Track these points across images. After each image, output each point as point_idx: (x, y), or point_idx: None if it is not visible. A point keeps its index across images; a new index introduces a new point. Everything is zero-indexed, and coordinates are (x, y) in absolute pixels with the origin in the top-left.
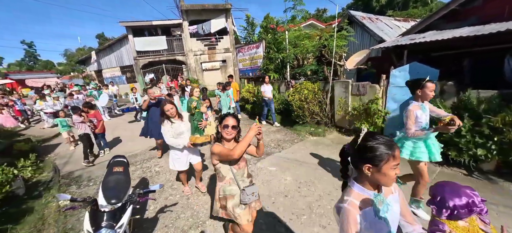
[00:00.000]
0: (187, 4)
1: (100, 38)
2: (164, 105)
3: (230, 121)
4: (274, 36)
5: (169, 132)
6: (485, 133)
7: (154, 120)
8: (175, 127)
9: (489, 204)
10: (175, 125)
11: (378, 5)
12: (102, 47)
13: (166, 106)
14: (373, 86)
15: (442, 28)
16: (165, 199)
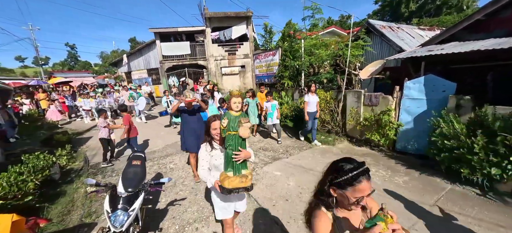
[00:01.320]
0: (210, 12)
1: (132, 42)
2: (212, 121)
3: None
4: (290, 44)
5: (205, 159)
6: (500, 151)
7: (187, 129)
8: (215, 156)
9: (504, 230)
10: (216, 152)
11: (407, 11)
12: (133, 51)
13: (214, 123)
14: (385, 97)
15: (465, 39)
16: (175, 194)
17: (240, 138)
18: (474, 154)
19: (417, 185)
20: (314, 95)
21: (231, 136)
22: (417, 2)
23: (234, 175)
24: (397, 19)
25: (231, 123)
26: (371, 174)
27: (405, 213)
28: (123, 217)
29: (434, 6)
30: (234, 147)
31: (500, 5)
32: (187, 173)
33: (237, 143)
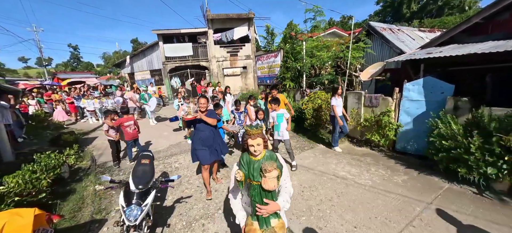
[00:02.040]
0: (212, 14)
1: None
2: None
3: None
4: (292, 46)
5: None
6: (495, 151)
7: (198, 138)
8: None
9: (498, 226)
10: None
11: (409, 12)
12: (136, 52)
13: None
14: (385, 98)
15: (464, 42)
16: (181, 192)
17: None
18: (471, 154)
19: (416, 184)
20: (340, 98)
21: (253, 186)
22: (418, 2)
23: (260, 228)
24: (398, 20)
25: (250, 171)
26: (371, 173)
27: (403, 210)
28: (136, 212)
29: (436, 6)
30: (257, 199)
31: (498, 9)
32: (192, 172)
33: (262, 194)
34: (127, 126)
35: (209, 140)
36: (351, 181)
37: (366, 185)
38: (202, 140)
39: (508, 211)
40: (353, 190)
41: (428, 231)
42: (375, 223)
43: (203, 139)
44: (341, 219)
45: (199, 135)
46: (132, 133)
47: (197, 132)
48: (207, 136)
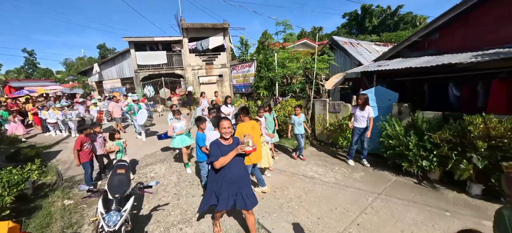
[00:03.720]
0: (187, 23)
1: (101, 48)
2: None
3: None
4: (265, 57)
5: None
6: (427, 147)
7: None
8: None
9: (429, 208)
10: None
11: (371, 26)
12: (105, 60)
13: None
14: (346, 105)
15: (407, 56)
16: (158, 200)
17: None
18: (410, 150)
19: (370, 179)
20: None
21: None
22: (378, 17)
23: None
24: (362, 32)
25: None
26: (335, 172)
27: (358, 201)
28: (116, 217)
29: (393, 21)
30: None
31: (430, 29)
32: (169, 180)
33: None
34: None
35: (238, 182)
36: (317, 180)
37: (330, 182)
38: (229, 181)
39: (438, 195)
40: (319, 188)
41: (377, 216)
42: (335, 213)
43: (231, 180)
44: (307, 213)
45: (223, 173)
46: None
47: (223, 169)
48: (237, 176)
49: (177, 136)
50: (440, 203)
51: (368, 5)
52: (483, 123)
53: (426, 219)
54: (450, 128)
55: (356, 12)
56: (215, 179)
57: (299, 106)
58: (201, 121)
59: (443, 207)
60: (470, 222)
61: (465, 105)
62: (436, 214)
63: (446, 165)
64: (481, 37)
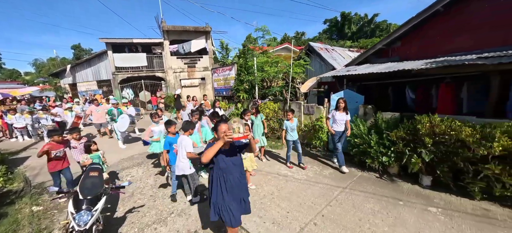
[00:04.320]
0: (169, 25)
1: (76, 49)
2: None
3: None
4: (245, 61)
5: None
6: (386, 144)
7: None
8: None
9: (386, 198)
10: None
11: (350, 32)
12: (79, 61)
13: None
14: (318, 107)
15: (374, 62)
16: (133, 202)
17: None
18: (371, 147)
19: (339, 175)
20: (343, 113)
21: None
22: (357, 25)
23: None
24: (342, 38)
25: None
26: (307, 170)
27: (326, 195)
28: (87, 217)
29: (369, 29)
30: None
31: (392, 38)
32: (145, 183)
33: None
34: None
35: (238, 187)
36: (290, 178)
37: (302, 179)
38: (229, 187)
39: (395, 187)
40: (291, 184)
41: (340, 207)
42: (303, 207)
43: (231, 186)
44: (278, 208)
45: (223, 179)
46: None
47: (220, 174)
48: (236, 181)
49: (155, 141)
50: (396, 194)
51: (347, 12)
52: (429, 122)
53: (382, 208)
54: (404, 127)
55: (336, 19)
56: (215, 188)
57: (291, 111)
58: (170, 124)
59: (397, 197)
60: (418, 209)
61: (420, 106)
62: (391, 203)
63: (402, 159)
64: (433, 46)
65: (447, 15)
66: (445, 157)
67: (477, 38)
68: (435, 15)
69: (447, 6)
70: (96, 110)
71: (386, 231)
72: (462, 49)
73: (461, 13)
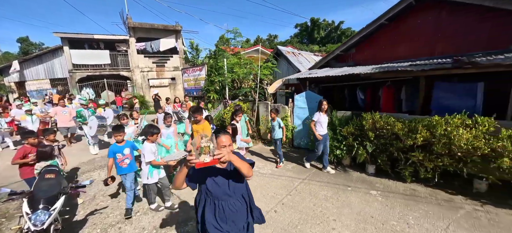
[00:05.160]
0: (135, 22)
1: (23, 42)
2: None
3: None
4: (215, 61)
5: None
6: (339, 139)
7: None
8: None
9: (337, 185)
10: None
11: (319, 37)
12: (28, 57)
13: None
14: (284, 107)
15: (333, 66)
16: (95, 205)
17: None
18: None
19: (300, 168)
20: (325, 115)
21: None
22: (325, 30)
23: None
24: (312, 42)
25: None
26: (272, 165)
27: (287, 186)
28: (43, 217)
29: (336, 35)
30: None
31: (348, 46)
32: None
33: None
34: None
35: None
36: (256, 173)
37: (267, 173)
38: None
39: (346, 176)
40: (257, 179)
41: (299, 196)
42: (266, 197)
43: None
44: None
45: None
46: None
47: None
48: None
49: None
50: (346, 182)
51: (316, 18)
52: (371, 119)
53: (334, 194)
54: (353, 124)
55: (306, 24)
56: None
57: (275, 111)
58: (118, 130)
59: (347, 184)
60: (362, 192)
61: (369, 106)
62: (342, 190)
63: (352, 152)
64: (381, 54)
65: (390, 27)
66: (384, 148)
67: (412, 49)
68: (381, 27)
69: (390, 20)
70: (62, 112)
71: (334, 212)
72: (402, 57)
73: (400, 27)
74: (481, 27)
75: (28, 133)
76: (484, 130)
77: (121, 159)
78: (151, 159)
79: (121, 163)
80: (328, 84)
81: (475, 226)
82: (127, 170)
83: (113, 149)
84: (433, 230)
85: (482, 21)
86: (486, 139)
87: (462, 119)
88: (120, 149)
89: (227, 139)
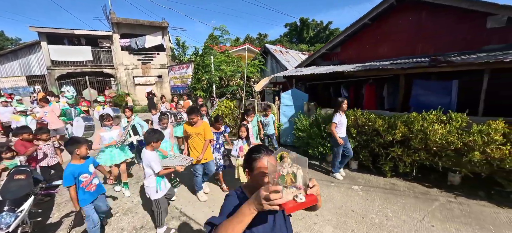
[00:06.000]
0: (119, 17)
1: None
2: None
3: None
4: (202, 59)
5: None
6: (324, 136)
7: None
8: None
9: (322, 181)
10: None
11: (308, 36)
12: (2, 52)
13: None
14: (270, 104)
15: (319, 64)
16: (72, 207)
17: None
18: (313, 139)
19: None
20: (344, 115)
21: None
22: (314, 30)
23: None
24: (301, 41)
25: None
26: None
27: None
28: (9, 219)
29: (325, 35)
30: None
31: (333, 44)
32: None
33: None
34: None
35: None
36: None
37: None
38: None
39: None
40: None
41: None
42: None
43: None
44: None
45: None
46: None
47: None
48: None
49: (106, 149)
50: (330, 178)
51: (305, 18)
52: (354, 115)
53: (324, 189)
54: None
55: (295, 23)
56: None
57: (268, 107)
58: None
59: (330, 180)
60: (345, 187)
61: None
62: (325, 185)
63: None
64: (364, 53)
65: (373, 27)
66: (366, 144)
67: (395, 48)
68: (364, 27)
69: (373, 19)
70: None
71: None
72: (385, 56)
73: (383, 27)
74: (458, 29)
75: (23, 128)
76: (457, 125)
77: (88, 181)
78: (160, 169)
79: (88, 187)
80: (314, 82)
81: (448, 217)
82: (97, 193)
83: (71, 171)
84: (410, 221)
85: (459, 23)
86: (459, 134)
87: (438, 115)
88: (82, 168)
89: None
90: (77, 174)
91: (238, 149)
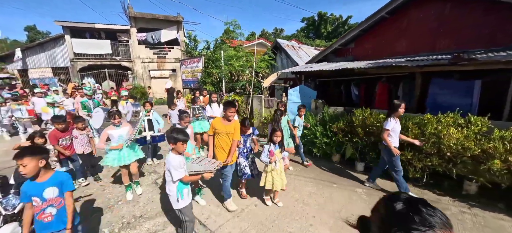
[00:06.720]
0: (136, 12)
1: (31, 31)
2: None
3: None
4: (213, 54)
5: None
6: (329, 135)
7: None
8: None
9: (324, 181)
10: None
11: (326, 31)
12: (31, 45)
13: None
14: (277, 100)
15: (332, 60)
16: (81, 192)
17: None
18: (317, 138)
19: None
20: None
21: None
22: (332, 25)
23: None
24: (318, 37)
25: None
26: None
27: None
28: (15, 201)
29: (343, 30)
30: None
31: (346, 40)
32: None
33: None
34: None
35: None
36: None
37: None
38: None
39: (335, 173)
40: None
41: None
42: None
43: None
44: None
45: None
46: None
47: None
48: None
49: (113, 150)
50: (332, 178)
51: (324, 12)
52: (361, 115)
53: (318, 190)
54: (343, 120)
55: (313, 18)
56: None
57: (303, 106)
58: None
59: (333, 181)
60: (348, 190)
61: (363, 102)
62: (327, 186)
63: (341, 148)
64: (380, 49)
65: (391, 21)
66: (373, 145)
67: (413, 44)
68: (382, 20)
69: (391, 13)
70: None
71: (315, 209)
72: (402, 53)
73: (401, 21)
74: (485, 22)
75: (57, 118)
76: (476, 130)
77: (39, 208)
78: (181, 176)
79: (39, 216)
80: (324, 79)
81: (458, 229)
82: (51, 228)
83: (25, 189)
84: None
85: (486, 15)
86: (477, 139)
87: (455, 117)
88: (36, 189)
89: None
90: (30, 193)
91: (268, 153)
